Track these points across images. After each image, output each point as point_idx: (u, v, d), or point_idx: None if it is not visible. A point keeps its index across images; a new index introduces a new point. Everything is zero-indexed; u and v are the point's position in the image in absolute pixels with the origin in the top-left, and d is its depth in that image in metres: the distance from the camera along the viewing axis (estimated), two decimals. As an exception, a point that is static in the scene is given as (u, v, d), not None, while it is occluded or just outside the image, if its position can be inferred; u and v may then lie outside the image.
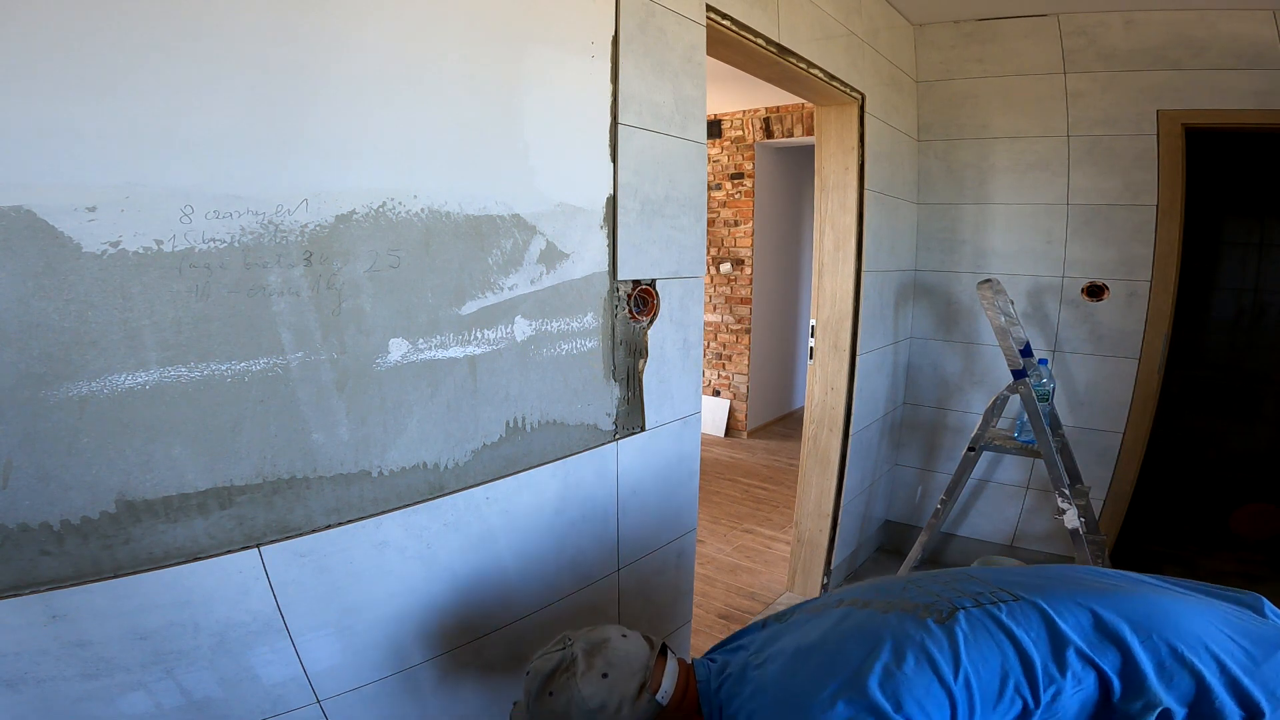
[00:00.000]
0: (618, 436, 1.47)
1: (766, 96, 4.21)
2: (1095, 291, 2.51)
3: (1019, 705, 0.80)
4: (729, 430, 4.99)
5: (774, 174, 4.84)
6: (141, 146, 0.79)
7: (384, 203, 1.01)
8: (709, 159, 4.75)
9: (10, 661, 0.78)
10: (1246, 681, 0.78)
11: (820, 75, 2.06)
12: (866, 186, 2.37)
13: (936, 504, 2.47)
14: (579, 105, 1.28)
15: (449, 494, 1.16)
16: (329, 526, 1.01)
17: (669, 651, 1.03)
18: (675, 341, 1.59)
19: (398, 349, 1.05)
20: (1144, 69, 2.35)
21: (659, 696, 0.94)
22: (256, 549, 0.94)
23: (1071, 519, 2.11)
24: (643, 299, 1.47)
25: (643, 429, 1.53)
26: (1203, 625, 0.83)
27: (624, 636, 0.99)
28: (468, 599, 1.22)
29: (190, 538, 0.89)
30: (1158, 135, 2.35)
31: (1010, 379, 2.28)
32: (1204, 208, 2.98)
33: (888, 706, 0.76)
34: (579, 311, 1.33)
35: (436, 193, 1.07)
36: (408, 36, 1.01)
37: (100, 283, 0.78)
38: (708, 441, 4.77)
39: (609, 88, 1.34)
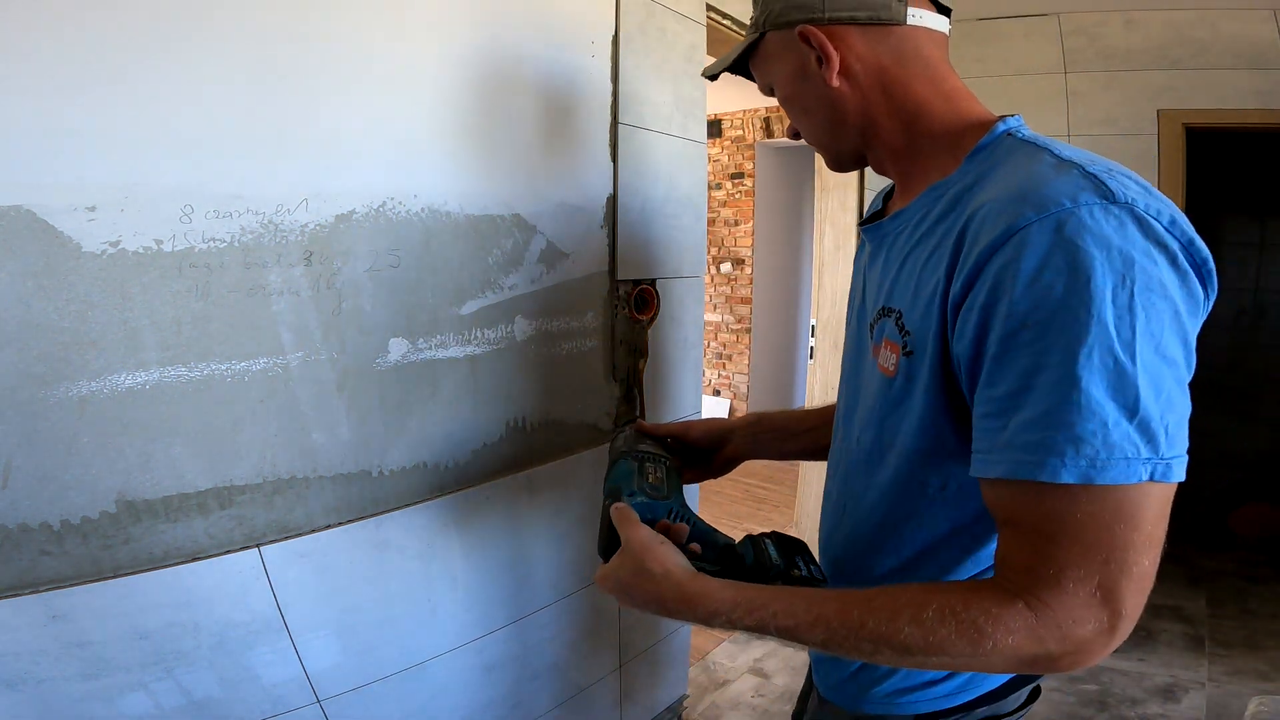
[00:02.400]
0: (618, 436, 1.47)
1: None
2: (1095, 291, 2.51)
3: None
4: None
5: (774, 174, 4.84)
6: (141, 146, 0.78)
7: (384, 203, 1.00)
8: (709, 159, 4.75)
9: (10, 661, 0.78)
10: None
11: (820, 75, 2.06)
12: (867, 186, 2.37)
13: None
14: (579, 105, 1.28)
15: (449, 494, 1.16)
16: (329, 526, 1.01)
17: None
18: (675, 341, 1.59)
19: (398, 349, 1.05)
20: (1144, 69, 2.35)
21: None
22: (257, 549, 0.94)
23: (1071, 519, 2.11)
24: (643, 299, 1.47)
25: (643, 429, 1.53)
26: None
27: None
28: (467, 599, 1.22)
29: (190, 538, 0.88)
30: (1158, 135, 2.34)
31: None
32: (1204, 208, 2.98)
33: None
34: (579, 311, 1.33)
35: (437, 192, 1.07)
36: (409, 37, 1.01)
37: (100, 283, 0.78)
38: (708, 441, 4.76)
39: (609, 87, 1.34)
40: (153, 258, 0.81)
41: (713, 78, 0.85)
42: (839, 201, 2.40)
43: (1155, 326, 0.47)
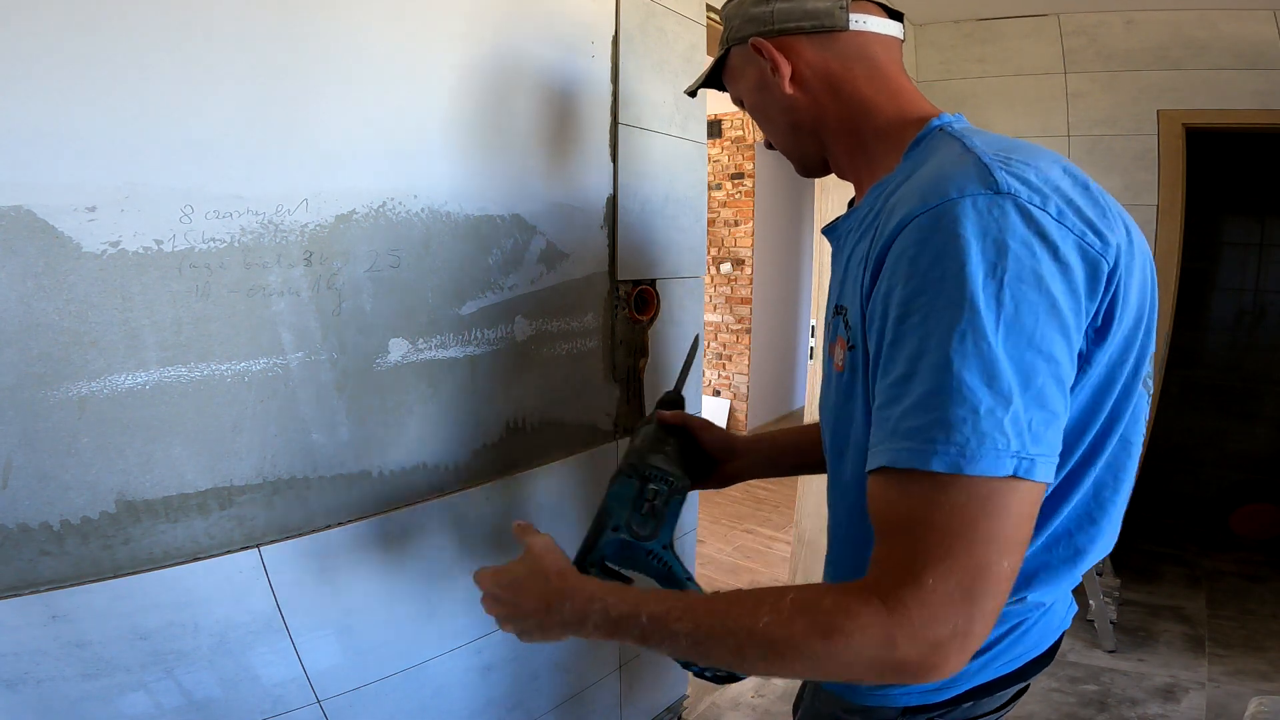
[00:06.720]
0: (618, 436, 1.47)
1: (766, 96, 4.20)
2: (1095, 291, 2.51)
3: None
4: (729, 430, 4.98)
5: (774, 174, 4.84)
6: (141, 146, 0.78)
7: (384, 203, 1.00)
8: (709, 159, 4.75)
9: (10, 661, 0.78)
10: None
11: (820, 75, 2.06)
12: (866, 186, 2.37)
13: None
14: (579, 105, 1.28)
15: (449, 494, 1.16)
16: (329, 527, 1.01)
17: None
18: (675, 342, 1.59)
19: (398, 349, 1.05)
20: (1144, 69, 2.35)
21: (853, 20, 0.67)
22: (256, 549, 0.94)
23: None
24: (643, 299, 1.47)
25: (643, 429, 1.53)
26: None
27: None
28: (467, 599, 1.22)
29: (190, 538, 0.88)
30: (1158, 135, 2.34)
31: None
32: (1204, 208, 2.98)
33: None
34: (579, 311, 1.33)
35: (437, 193, 1.07)
36: (408, 37, 1.01)
37: (100, 283, 0.78)
38: (708, 441, 4.76)
39: (609, 88, 1.34)
40: (153, 258, 0.81)
41: (692, 94, 0.90)
42: (839, 202, 2.40)
43: (1028, 317, 0.47)
